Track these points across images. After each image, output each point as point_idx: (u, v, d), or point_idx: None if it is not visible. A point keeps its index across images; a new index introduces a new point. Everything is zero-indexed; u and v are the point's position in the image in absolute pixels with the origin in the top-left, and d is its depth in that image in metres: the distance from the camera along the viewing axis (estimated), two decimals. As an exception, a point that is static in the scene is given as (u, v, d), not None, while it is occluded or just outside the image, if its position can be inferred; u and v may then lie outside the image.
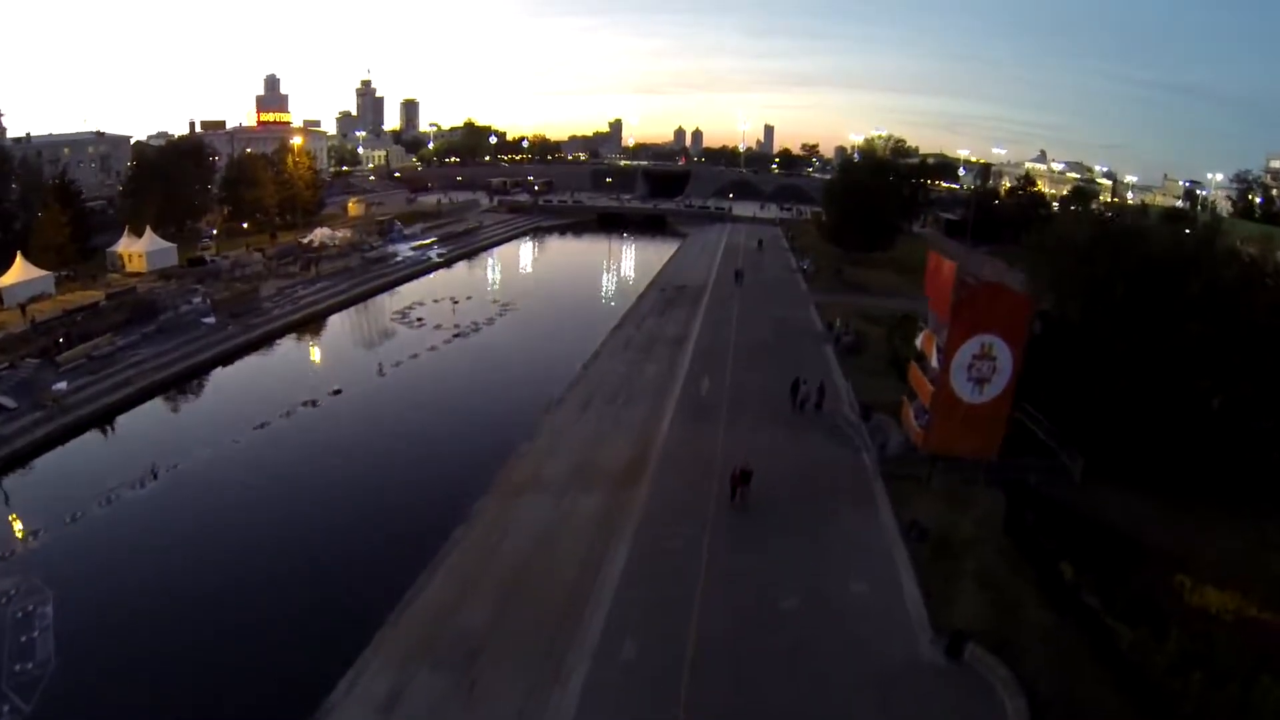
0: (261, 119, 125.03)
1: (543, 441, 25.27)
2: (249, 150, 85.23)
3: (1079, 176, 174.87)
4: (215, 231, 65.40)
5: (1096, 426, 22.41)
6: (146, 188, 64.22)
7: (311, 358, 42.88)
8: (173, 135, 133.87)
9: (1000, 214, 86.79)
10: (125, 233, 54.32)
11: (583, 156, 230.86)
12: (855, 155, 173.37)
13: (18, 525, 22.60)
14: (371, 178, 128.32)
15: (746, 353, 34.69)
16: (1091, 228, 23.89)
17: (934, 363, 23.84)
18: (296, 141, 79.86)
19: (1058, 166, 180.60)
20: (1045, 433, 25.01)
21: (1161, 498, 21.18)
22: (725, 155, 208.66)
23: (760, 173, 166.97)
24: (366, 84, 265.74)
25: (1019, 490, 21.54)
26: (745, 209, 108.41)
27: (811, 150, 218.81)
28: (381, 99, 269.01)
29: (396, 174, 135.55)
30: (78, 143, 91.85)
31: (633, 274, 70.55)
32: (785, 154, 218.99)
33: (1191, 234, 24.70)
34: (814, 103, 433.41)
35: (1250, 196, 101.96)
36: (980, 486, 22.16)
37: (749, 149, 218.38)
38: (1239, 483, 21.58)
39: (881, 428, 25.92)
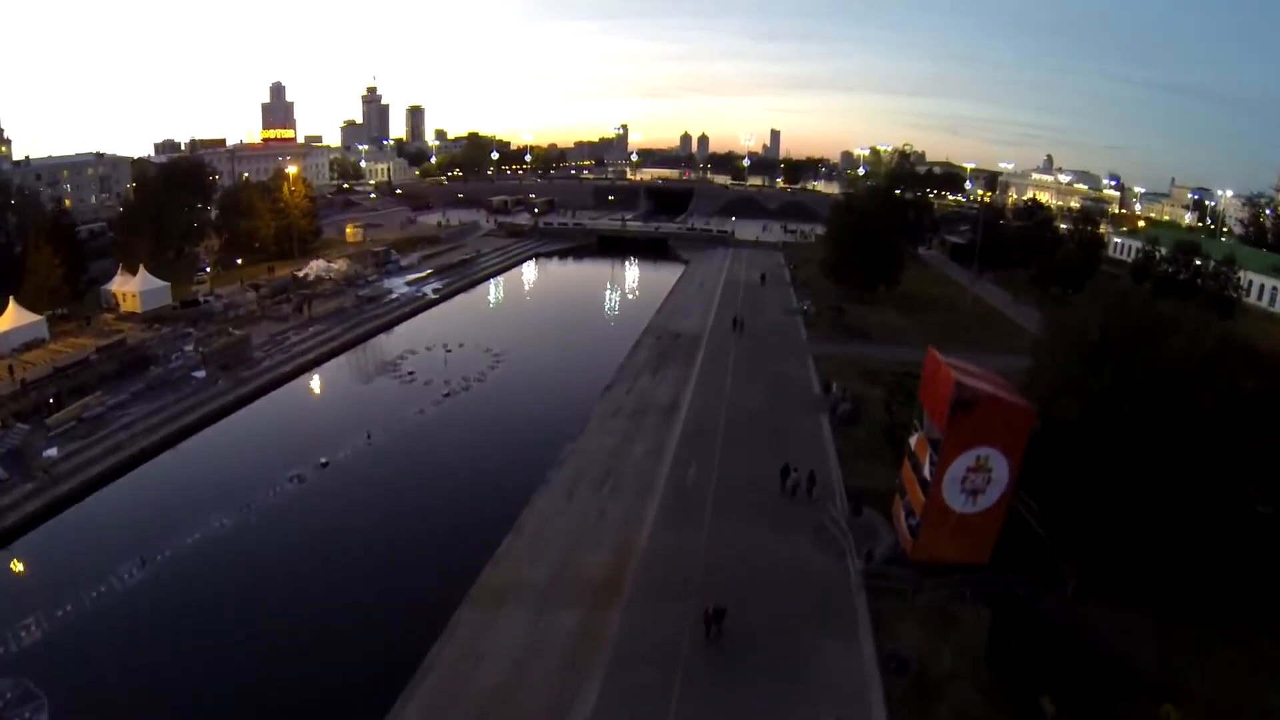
0: (264, 136, 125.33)
1: (524, 541, 24.81)
2: (246, 176, 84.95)
3: (1087, 188, 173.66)
4: (209, 268, 65.02)
5: (1094, 536, 21.71)
6: (141, 217, 64.06)
7: (300, 417, 42.10)
8: (178, 143, 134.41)
9: (1007, 237, 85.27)
10: (120, 270, 54.14)
11: (588, 164, 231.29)
12: (861, 168, 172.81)
13: (9, 616, 22.37)
14: (373, 195, 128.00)
15: (738, 427, 33.77)
16: (1102, 320, 22.91)
17: (927, 470, 23.17)
18: (292, 170, 79.22)
19: (1065, 178, 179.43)
20: (1040, 524, 24.32)
21: (1158, 611, 20.58)
22: (731, 164, 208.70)
23: (764, 187, 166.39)
24: (372, 91, 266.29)
25: (1008, 606, 20.94)
26: (748, 230, 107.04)
27: (817, 161, 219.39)
28: (387, 106, 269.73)
29: (398, 190, 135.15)
30: (77, 165, 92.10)
31: (630, 311, 68.54)
32: (789, 161, 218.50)
33: (1206, 327, 23.34)
34: (819, 106, 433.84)
35: (1261, 219, 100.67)
36: (967, 603, 21.59)
37: (754, 155, 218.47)
38: (1239, 597, 20.96)
39: (872, 528, 25.32)
